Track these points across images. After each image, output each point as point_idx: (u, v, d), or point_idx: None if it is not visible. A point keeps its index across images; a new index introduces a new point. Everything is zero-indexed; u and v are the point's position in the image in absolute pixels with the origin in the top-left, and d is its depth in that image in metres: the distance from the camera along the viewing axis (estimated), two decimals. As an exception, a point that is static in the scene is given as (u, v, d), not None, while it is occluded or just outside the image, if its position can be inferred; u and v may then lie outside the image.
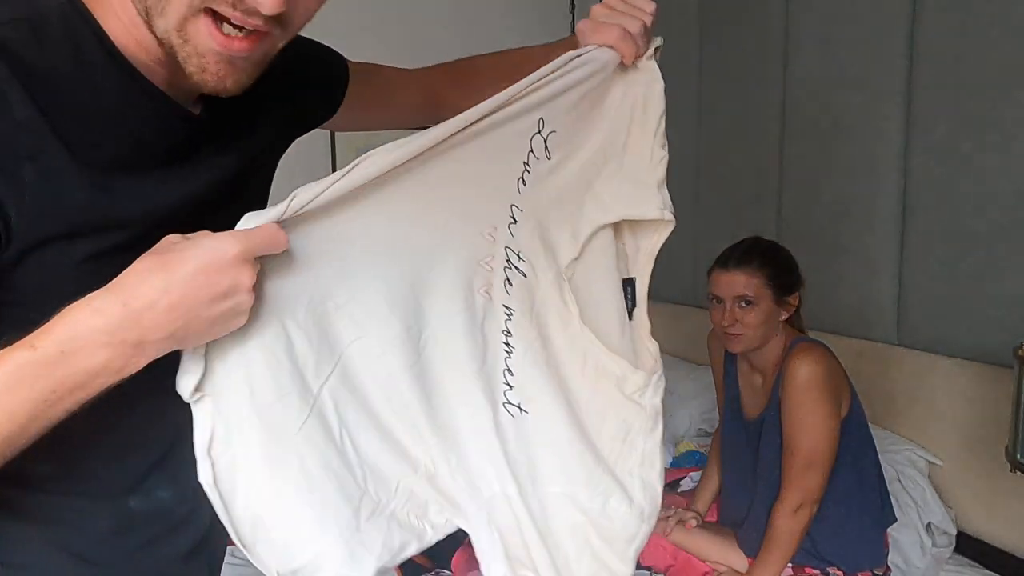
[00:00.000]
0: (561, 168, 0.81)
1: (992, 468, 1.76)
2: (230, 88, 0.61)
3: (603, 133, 0.83)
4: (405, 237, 0.73)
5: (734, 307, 1.66)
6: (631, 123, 0.83)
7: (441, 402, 0.76)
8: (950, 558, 1.91)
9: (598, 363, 0.85)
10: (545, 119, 0.78)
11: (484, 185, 0.77)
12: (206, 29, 0.57)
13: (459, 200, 0.76)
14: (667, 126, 0.84)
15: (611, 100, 0.82)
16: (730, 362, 1.86)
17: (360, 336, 0.71)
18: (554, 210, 0.82)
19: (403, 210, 0.71)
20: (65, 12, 0.58)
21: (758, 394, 1.77)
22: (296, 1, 0.59)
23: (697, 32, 2.93)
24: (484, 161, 0.75)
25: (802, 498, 1.59)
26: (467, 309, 0.77)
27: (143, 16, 0.57)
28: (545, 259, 0.82)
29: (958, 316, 1.94)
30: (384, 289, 0.72)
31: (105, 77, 0.60)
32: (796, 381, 1.59)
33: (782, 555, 1.63)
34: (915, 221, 2.06)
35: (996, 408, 1.76)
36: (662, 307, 3.23)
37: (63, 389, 0.54)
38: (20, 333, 0.54)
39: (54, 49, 0.57)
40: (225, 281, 0.56)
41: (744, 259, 1.68)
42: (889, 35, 2.10)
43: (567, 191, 0.82)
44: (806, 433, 1.59)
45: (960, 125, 1.92)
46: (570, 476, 0.80)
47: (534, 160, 0.79)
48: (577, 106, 0.79)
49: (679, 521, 1.84)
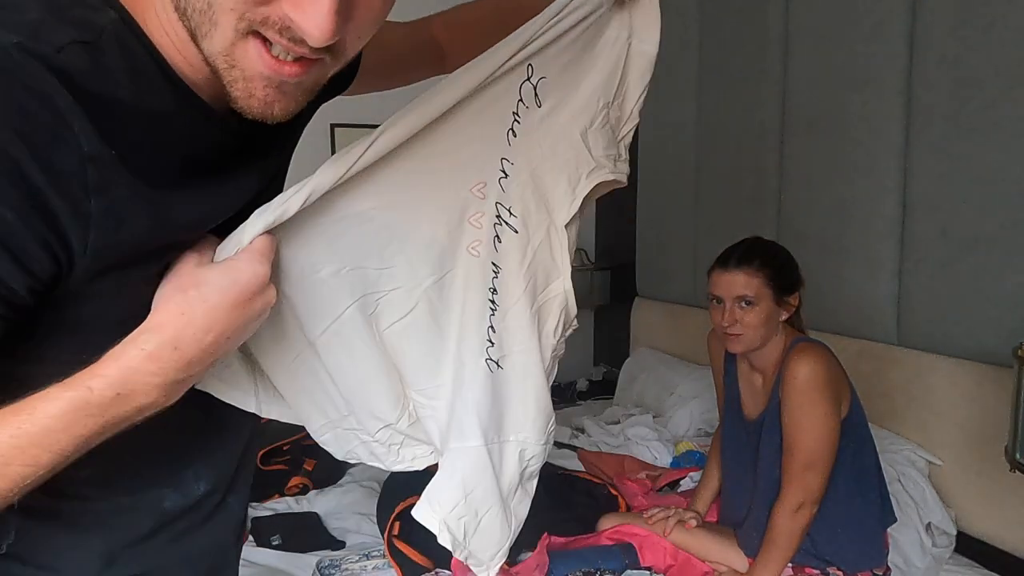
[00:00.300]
0: (554, 116, 0.78)
1: (992, 468, 1.76)
2: (277, 115, 0.59)
3: (598, 76, 0.79)
4: (398, 203, 0.73)
5: (734, 307, 1.66)
6: (628, 68, 0.81)
7: (430, 355, 0.80)
8: (950, 558, 1.91)
9: (568, 317, 0.87)
10: (534, 65, 0.75)
11: (472, 139, 0.75)
12: (255, 52, 0.55)
13: (449, 156, 0.74)
14: (667, 126, 0.84)
15: (605, 40, 0.79)
16: (730, 362, 1.86)
17: (364, 294, 0.74)
18: (548, 161, 0.79)
19: (396, 177, 0.71)
20: (118, 30, 0.56)
21: (758, 394, 1.77)
22: (348, 28, 0.55)
23: (697, 32, 2.94)
24: (471, 114, 0.73)
25: (802, 498, 1.60)
26: (458, 267, 0.78)
27: (190, 35, 0.55)
28: (537, 214, 0.80)
29: (958, 316, 1.94)
30: (387, 249, 0.74)
31: (160, 96, 0.58)
32: (796, 381, 1.59)
33: (782, 555, 1.63)
34: (915, 221, 2.07)
35: (996, 408, 1.77)
36: (662, 307, 3.23)
37: (112, 425, 0.57)
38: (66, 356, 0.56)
39: (113, 73, 0.55)
40: (259, 304, 0.61)
41: (744, 259, 1.68)
42: (889, 35, 2.10)
43: (561, 140, 0.79)
44: (806, 433, 1.59)
45: (960, 125, 1.92)
46: (530, 426, 0.85)
47: (524, 109, 0.76)
48: (568, 49, 0.76)
49: (679, 521, 1.85)
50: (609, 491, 2.15)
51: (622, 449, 2.55)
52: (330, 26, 0.52)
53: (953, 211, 1.95)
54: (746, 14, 2.67)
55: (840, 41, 2.26)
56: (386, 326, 0.76)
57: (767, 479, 1.69)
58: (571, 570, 1.73)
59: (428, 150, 0.72)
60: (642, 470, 2.36)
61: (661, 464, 2.44)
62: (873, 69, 2.15)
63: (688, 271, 2.99)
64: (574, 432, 2.77)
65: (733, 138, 2.75)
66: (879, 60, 2.13)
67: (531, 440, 0.86)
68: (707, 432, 2.57)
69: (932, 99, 2.00)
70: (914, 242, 2.07)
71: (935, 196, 2.00)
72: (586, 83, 0.79)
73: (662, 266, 3.21)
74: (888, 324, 2.15)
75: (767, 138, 2.57)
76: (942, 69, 1.96)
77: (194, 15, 0.53)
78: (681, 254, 3.04)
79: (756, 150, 2.63)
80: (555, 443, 2.60)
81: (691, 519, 1.86)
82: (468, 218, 0.77)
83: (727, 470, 1.89)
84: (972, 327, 1.91)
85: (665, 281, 3.20)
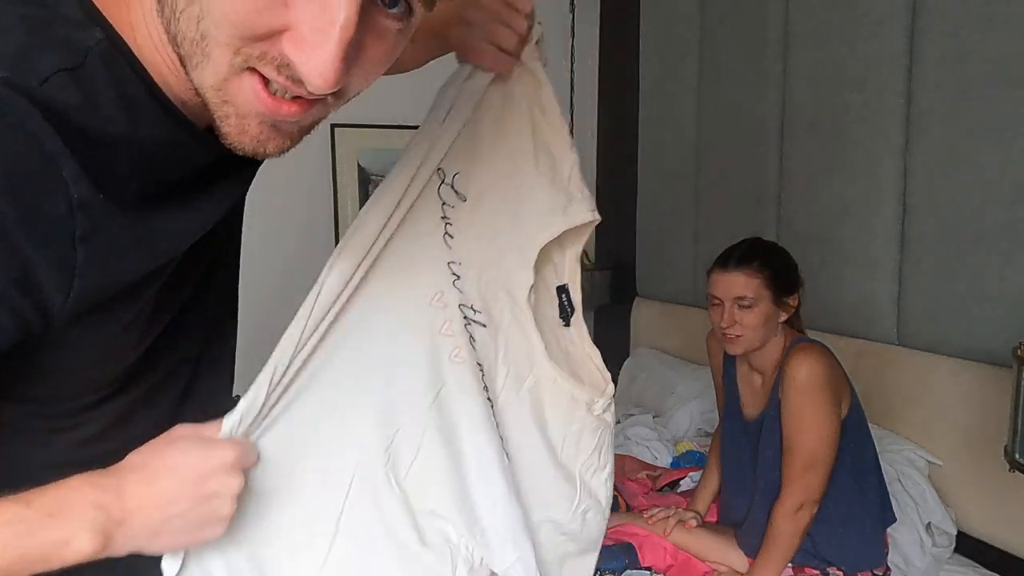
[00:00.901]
0: (483, 200, 0.79)
1: (992, 468, 1.76)
2: (270, 152, 0.54)
3: (508, 149, 0.80)
4: (372, 356, 0.73)
5: (733, 308, 1.66)
6: (533, 129, 0.80)
7: (455, 481, 0.77)
8: (950, 558, 1.91)
9: (563, 390, 0.85)
10: (444, 168, 0.76)
11: (415, 261, 0.75)
12: (250, 89, 0.50)
13: (399, 285, 0.75)
14: (668, 125, 0.84)
15: (501, 113, 0.79)
16: (729, 363, 1.86)
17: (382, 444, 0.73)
18: (491, 245, 0.80)
19: (358, 331, 0.71)
20: (104, 50, 0.50)
21: (757, 395, 1.77)
22: (354, 72, 0.50)
23: (697, 31, 2.93)
24: (405, 241, 0.74)
25: (802, 498, 1.60)
26: (448, 381, 0.77)
27: (181, 63, 0.51)
28: (497, 301, 0.81)
29: (958, 316, 1.94)
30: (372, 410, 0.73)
31: (151, 125, 0.54)
32: (796, 381, 1.59)
33: (782, 555, 1.63)
34: (915, 221, 2.06)
35: (996, 408, 1.76)
36: (662, 307, 3.23)
37: (41, 556, 0.53)
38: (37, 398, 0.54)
39: (102, 106, 0.50)
40: (214, 484, 0.59)
41: (743, 260, 1.68)
42: (889, 34, 2.10)
43: (498, 218, 0.80)
44: (806, 433, 1.59)
45: (960, 125, 1.92)
46: (550, 504, 0.83)
47: (450, 210, 0.77)
48: (469, 138, 0.77)
49: (679, 521, 1.85)
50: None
51: (622, 449, 2.55)
52: (334, 75, 0.47)
53: (953, 211, 1.95)
54: (746, 14, 2.66)
55: (840, 41, 2.26)
56: (404, 472, 0.74)
57: (767, 479, 1.69)
58: (571, 570, 1.73)
59: (378, 288, 0.72)
60: (642, 470, 2.36)
61: (661, 464, 2.44)
62: (873, 69, 2.15)
63: (688, 271, 2.99)
64: (574, 432, 2.76)
65: (733, 138, 2.75)
66: (879, 60, 2.13)
67: (560, 518, 0.84)
68: (707, 432, 2.57)
69: (932, 99, 1.99)
70: (914, 242, 2.07)
71: (935, 196, 2.00)
72: (502, 155, 0.79)
73: (662, 266, 3.20)
74: (888, 324, 2.15)
75: (767, 138, 2.57)
76: (942, 69, 1.96)
77: (184, 43, 0.48)
78: (681, 254, 3.04)
79: (756, 150, 2.62)
80: (555, 443, 2.61)
81: (691, 519, 1.86)
82: (439, 330, 0.77)
83: (726, 470, 1.89)
84: (972, 327, 1.91)
85: (665, 281, 3.19)
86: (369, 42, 0.50)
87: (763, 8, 2.56)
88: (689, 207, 2.98)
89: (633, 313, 3.41)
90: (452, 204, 0.77)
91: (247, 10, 0.46)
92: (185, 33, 0.48)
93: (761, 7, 2.57)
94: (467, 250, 0.78)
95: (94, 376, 0.58)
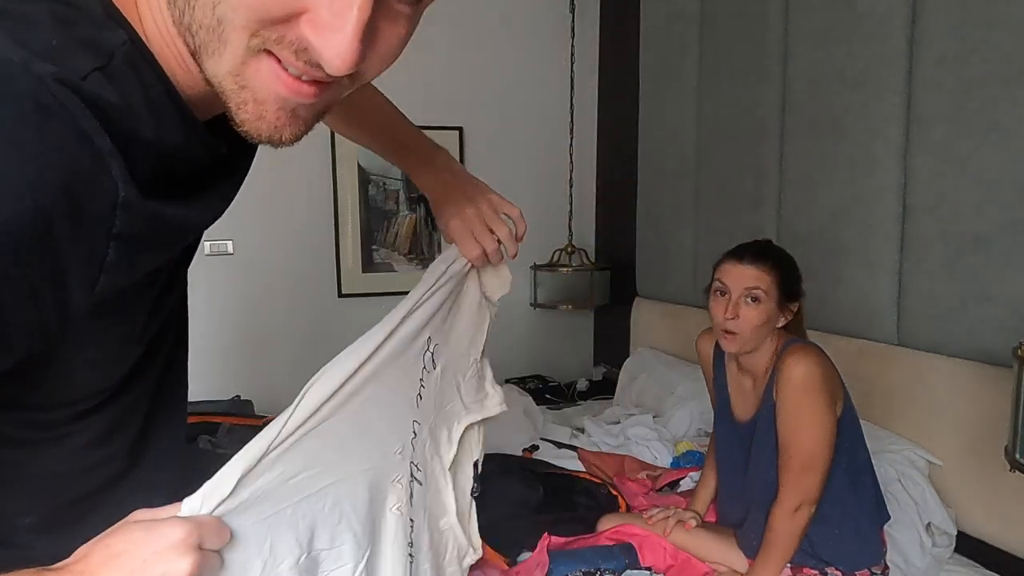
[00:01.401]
0: (444, 375, 0.90)
1: (992, 468, 1.76)
2: (286, 139, 0.54)
3: (467, 333, 0.93)
4: (325, 480, 0.74)
5: (740, 300, 1.66)
6: (482, 323, 0.94)
7: None
8: (950, 558, 1.91)
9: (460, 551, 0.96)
10: (432, 336, 0.87)
11: (394, 408, 0.82)
12: (269, 71, 0.50)
13: (373, 425, 0.79)
14: (667, 126, 0.86)
15: (469, 301, 0.93)
16: (719, 364, 1.87)
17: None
18: (438, 415, 0.90)
19: (327, 450, 0.73)
20: (129, 53, 0.50)
21: (748, 397, 1.77)
22: (370, 55, 0.51)
23: (697, 32, 2.94)
24: (389, 385, 0.80)
25: (800, 499, 1.60)
26: (386, 531, 0.81)
27: (193, 55, 0.51)
28: (431, 463, 0.89)
29: (958, 316, 1.94)
30: (337, 527, 0.75)
31: (173, 130, 0.54)
32: (792, 383, 1.59)
33: (781, 556, 1.63)
34: (915, 221, 2.06)
35: (996, 408, 1.76)
36: (662, 307, 3.23)
37: None
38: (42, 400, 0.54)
39: (135, 107, 0.50)
40: (159, 567, 0.54)
41: (759, 256, 1.68)
42: (889, 34, 2.10)
43: (445, 394, 0.91)
44: (803, 434, 1.59)
45: (960, 125, 1.92)
46: None
47: (426, 375, 0.87)
48: (449, 315, 0.91)
49: (679, 521, 1.85)
50: (609, 491, 2.15)
51: (622, 449, 2.55)
52: (352, 56, 0.48)
53: (953, 211, 1.95)
54: (746, 14, 2.67)
55: (840, 41, 2.26)
56: None
57: (763, 481, 1.69)
58: (571, 570, 1.73)
59: (358, 417, 0.76)
60: (642, 470, 2.36)
61: (661, 464, 2.44)
62: (873, 69, 2.15)
63: (688, 271, 2.99)
64: (574, 432, 2.77)
65: (733, 138, 2.75)
66: (879, 60, 2.13)
67: None
68: (707, 432, 2.57)
69: (932, 99, 1.99)
70: (914, 242, 2.07)
71: (935, 196, 2.00)
72: (460, 341, 0.93)
73: (662, 266, 3.20)
74: (888, 324, 2.15)
75: (767, 138, 2.57)
76: (942, 69, 1.96)
77: (200, 32, 0.49)
78: (681, 254, 3.04)
79: (756, 150, 2.63)
80: (555, 443, 2.61)
81: (690, 519, 1.86)
82: (393, 480, 0.82)
83: (721, 471, 1.89)
84: (972, 327, 1.91)
85: (665, 281, 3.20)
86: (383, 25, 0.51)
87: (763, 8, 2.56)
88: (689, 207, 2.98)
89: (633, 313, 3.41)
90: (428, 370, 0.88)
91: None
92: (201, 21, 0.48)
93: (761, 7, 2.57)
94: (425, 414, 0.87)
95: (97, 379, 0.58)
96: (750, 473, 1.74)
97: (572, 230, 3.64)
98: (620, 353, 3.45)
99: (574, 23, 3.60)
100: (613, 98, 3.70)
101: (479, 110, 3.58)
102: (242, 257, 3.28)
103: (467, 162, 3.55)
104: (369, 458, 0.79)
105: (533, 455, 2.49)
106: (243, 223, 3.04)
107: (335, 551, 0.74)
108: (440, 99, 3.42)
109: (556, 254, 3.60)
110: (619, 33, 3.58)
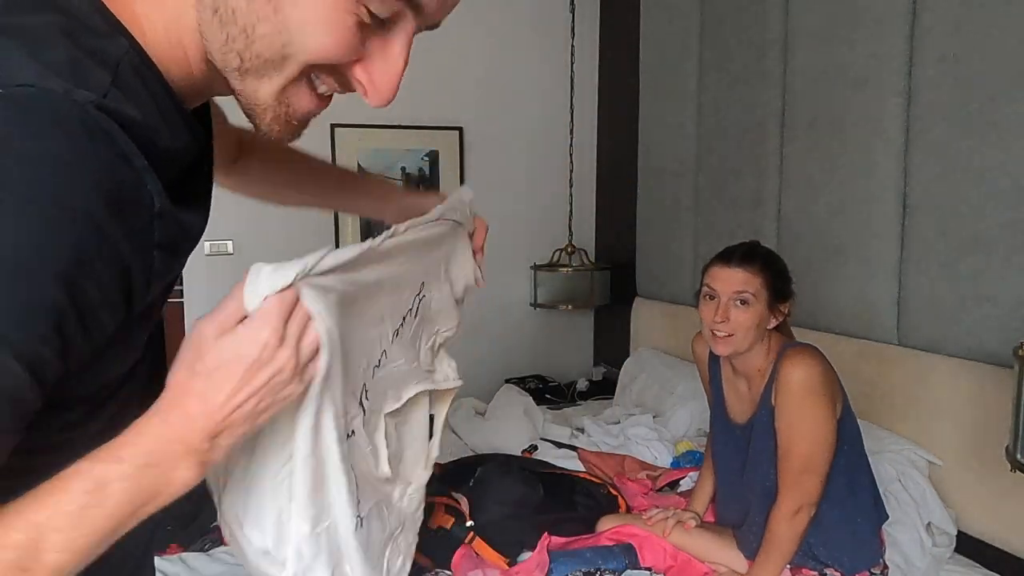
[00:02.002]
0: (416, 331, 0.91)
1: (992, 468, 1.76)
2: (291, 139, 0.61)
3: (445, 299, 0.95)
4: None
5: (729, 304, 1.65)
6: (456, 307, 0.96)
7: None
8: (950, 558, 1.91)
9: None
10: (426, 282, 0.89)
11: (380, 325, 0.82)
12: (307, 93, 0.57)
13: (363, 322, 0.78)
14: (667, 126, 0.86)
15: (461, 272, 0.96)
16: (714, 366, 1.87)
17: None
18: (401, 367, 0.89)
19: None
20: (132, 61, 0.52)
21: (744, 399, 1.77)
22: None
23: (697, 32, 2.94)
24: (383, 305, 0.81)
25: (800, 502, 1.59)
26: (340, 440, 0.78)
27: (232, 71, 0.55)
28: (376, 404, 0.86)
29: (958, 316, 1.94)
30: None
31: (179, 134, 0.57)
32: (792, 386, 1.58)
33: (781, 558, 1.63)
34: (915, 221, 2.06)
35: (996, 408, 1.77)
36: (662, 307, 3.23)
37: (145, 500, 0.55)
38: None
39: (151, 119, 0.53)
40: (264, 375, 0.58)
41: (747, 258, 1.68)
42: (889, 34, 2.10)
43: (410, 351, 0.90)
44: (803, 437, 1.58)
45: (960, 125, 1.92)
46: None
47: (410, 319, 0.88)
48: (443, 273, 0.93)
49: (678, 522, 1.85)
50: (609, 491, 2.15)
51: (622, 449, 2.55)
52: (393, 95, 0.56)
53: (953, 211, 1.95)
54: (746, 14, 2.67)
55: (840, 41, 2.26)
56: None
57: (760, 483, 1.69)
58: (571, 570, 1.73)
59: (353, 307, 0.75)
60: (642, 470, 2.36)
61: (661, 464, 2.44)
62: (873, 69, 2.15)
63: (688, 271, 2.99)
64: (574, 432, 2.77)
65: (733, 138, 2.75)
66: (879, 60, 2.13)
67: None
68: (707, 432, 2.57)
69: (932, 99, 1.99)
70: (914, 242, 2.07)
71: (935, 196, 2.00)
72: (440, 305, 0.94)
73: (662, 266, 3.20)
74: (888, 324, 2.15)
75: (767, 138, 2.57)
76: (942, 69, 1.96)
77: (255, 60, 0.54)
78: (681, 254, 3.04)
79: (756, 150, 2.63)
80: (555, 443, 2.62)
81: (690, 520, 1.86)
82: (353, 392, 0.79)
83: (719, 473, 1.90)
84: (972, 327, 1.91)
85: (665, 281, 3.20)
86: None
87: (763, 8, 2.56)
88: (689, 207, 2.98)
89: (633, 313, 3.41)
90: (414, 315, 0.89)
91: (347, 45, 0.54)
92: (261, 53, 0.54)
93: (761, 7, 2.57)
94: (395, 351, 0.87)
95: (114, 376, 0.58)
96: (747, 475, 1.74)
97: (572, 230, 3.64)
98: (620, 353, 3.45)
99: (574, 23, 3.61)
100: (613, 98, 3.70)
101: (479, 110, 3.58)
102: (242, 257, 3.28)
103: (467, 162, 3.55)
104: (351, 346, 0.77)
105: (533, 455, 2.49)
106: (243, 223, 3.04)
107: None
108: (440, 99, 3.42)
109: (556, 254, 3.60)
110: (619, 33, 3.58)
